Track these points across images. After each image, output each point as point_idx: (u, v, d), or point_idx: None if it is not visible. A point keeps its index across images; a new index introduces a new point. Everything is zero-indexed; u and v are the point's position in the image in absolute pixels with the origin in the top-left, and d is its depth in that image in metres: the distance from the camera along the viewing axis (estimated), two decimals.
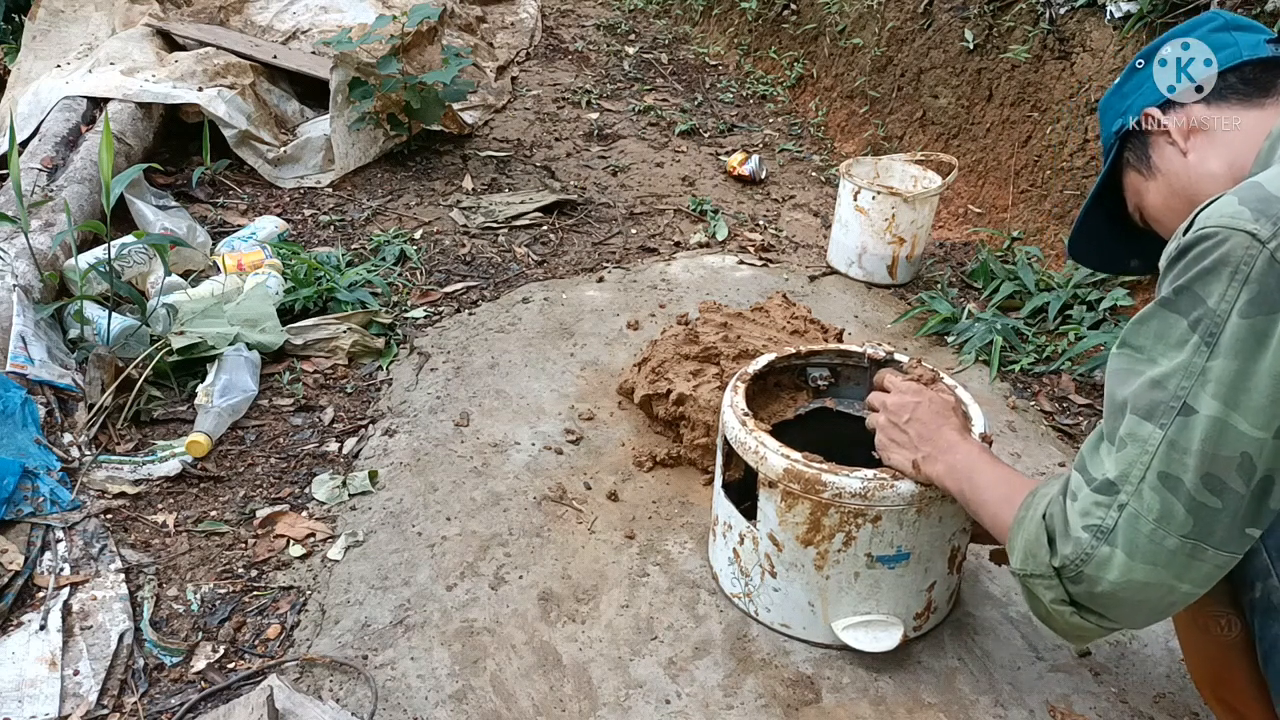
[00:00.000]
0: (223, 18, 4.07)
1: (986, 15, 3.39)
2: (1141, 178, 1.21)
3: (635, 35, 5.41)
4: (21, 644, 1.47)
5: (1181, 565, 0.95)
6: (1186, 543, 0.94)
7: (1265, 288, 0.88)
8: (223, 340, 2.15)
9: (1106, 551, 0.97)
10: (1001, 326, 2.46)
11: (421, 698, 1.45)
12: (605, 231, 3.11)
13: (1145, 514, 0.95)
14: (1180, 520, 0.94)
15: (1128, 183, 1.25)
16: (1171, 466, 0.94)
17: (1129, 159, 1.23)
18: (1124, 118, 1.21)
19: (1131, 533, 0.96)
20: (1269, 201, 0.90)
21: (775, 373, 1.79)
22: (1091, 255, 1.40)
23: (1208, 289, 0.91)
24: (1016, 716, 1.45)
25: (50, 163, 2.73)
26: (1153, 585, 0.96)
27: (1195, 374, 0.92)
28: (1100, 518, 0.98)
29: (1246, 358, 0.89)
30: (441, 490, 1.90)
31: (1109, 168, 1.26)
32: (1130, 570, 0.96)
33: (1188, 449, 0.93)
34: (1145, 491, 0.95)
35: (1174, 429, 0.93)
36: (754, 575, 1.57)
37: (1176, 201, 1.15)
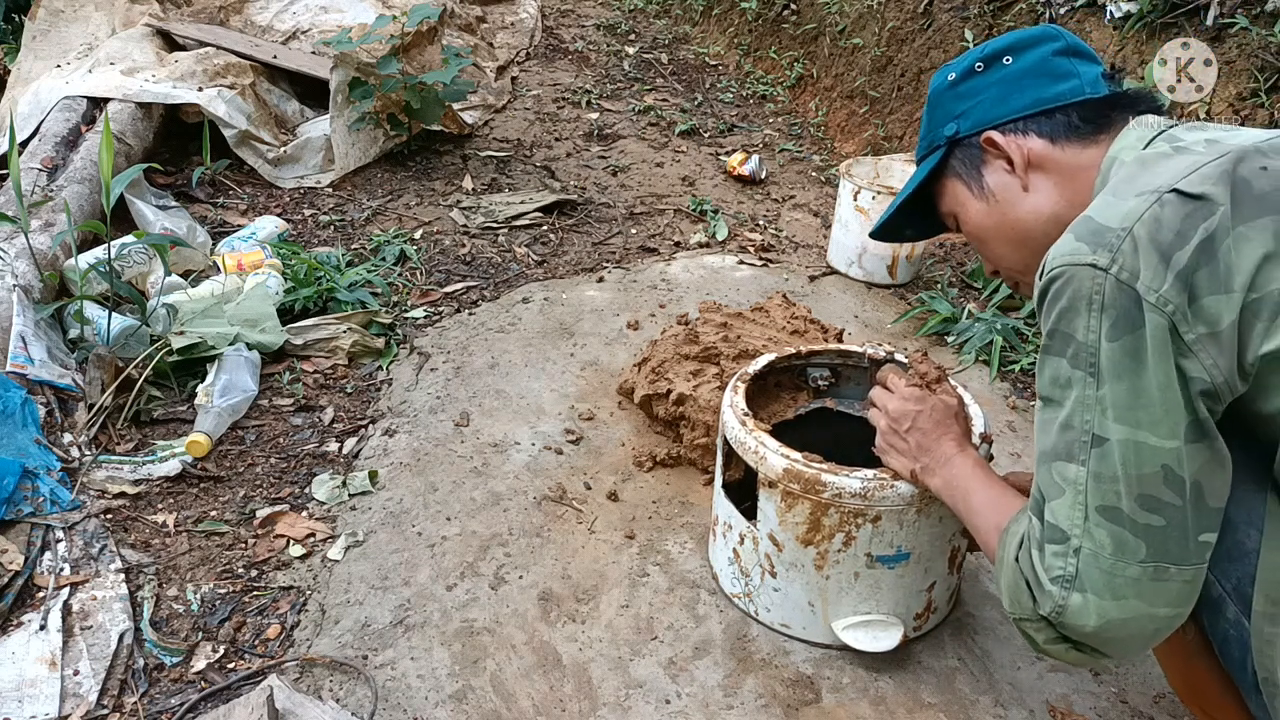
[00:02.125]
0: (223, 18, 4.07)
1: (986, 15, 3.39)
2: (969, 192, 1.21)
3: (635, 35, 5.41)
4: (21, 644, 1.47)
5: (1151, 591, 0.96)
6: (1147, 567, 0.95)
7: (1121, 310, 0.93)
8: (223, 340, 2.15)
9: (1078, 599, 0.98)
10: (1001, 326, 2.46)
11: (421, 698, 1.45)
12: (605, 231, 3.11)
13: (1100, 551, 0.96)
14: (1133, 547, 0.95)
15: (949, 188, 1.24)
16: (1105, 498, 0.96)
17: (956, 167, 1.22)
18: (958, 123, 1.21)
19: (1094, 573, 0.97)
20: (1100, 232, 0.95)
21: (775, 373, 1.79)
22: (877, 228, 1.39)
23: (1072, 325, 0.96)
24: (1016, 716, 1.45)
25: (50, 163, 2.73)
26: (1132, 619, 0.97)
27: (1092, 405, 0.95)
28: (1062, 568, 0.99)
29: (1131, 376, 0.93)
30: (441, 490, 1.90)
31: (930, 169, 1.25)
32: (1104, 610, 0.97)
33: (1114, 477, 0.95)
34: (1093, 530, 0.96)
35: (1094, 462, 0.96)
36: (754, 575, 1.57)
37: (1007, 231, 1.18)
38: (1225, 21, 2.57)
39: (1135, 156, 1.05)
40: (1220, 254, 0.91)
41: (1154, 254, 0.92)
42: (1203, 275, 0.91)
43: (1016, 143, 1.15)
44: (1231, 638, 1.01)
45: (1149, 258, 0.92)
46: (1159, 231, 0.93)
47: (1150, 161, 1.03)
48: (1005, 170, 1.17)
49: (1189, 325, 0.91)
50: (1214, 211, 0.92)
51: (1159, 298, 0.91)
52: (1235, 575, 0.99)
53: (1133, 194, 0.97)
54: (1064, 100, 1.14)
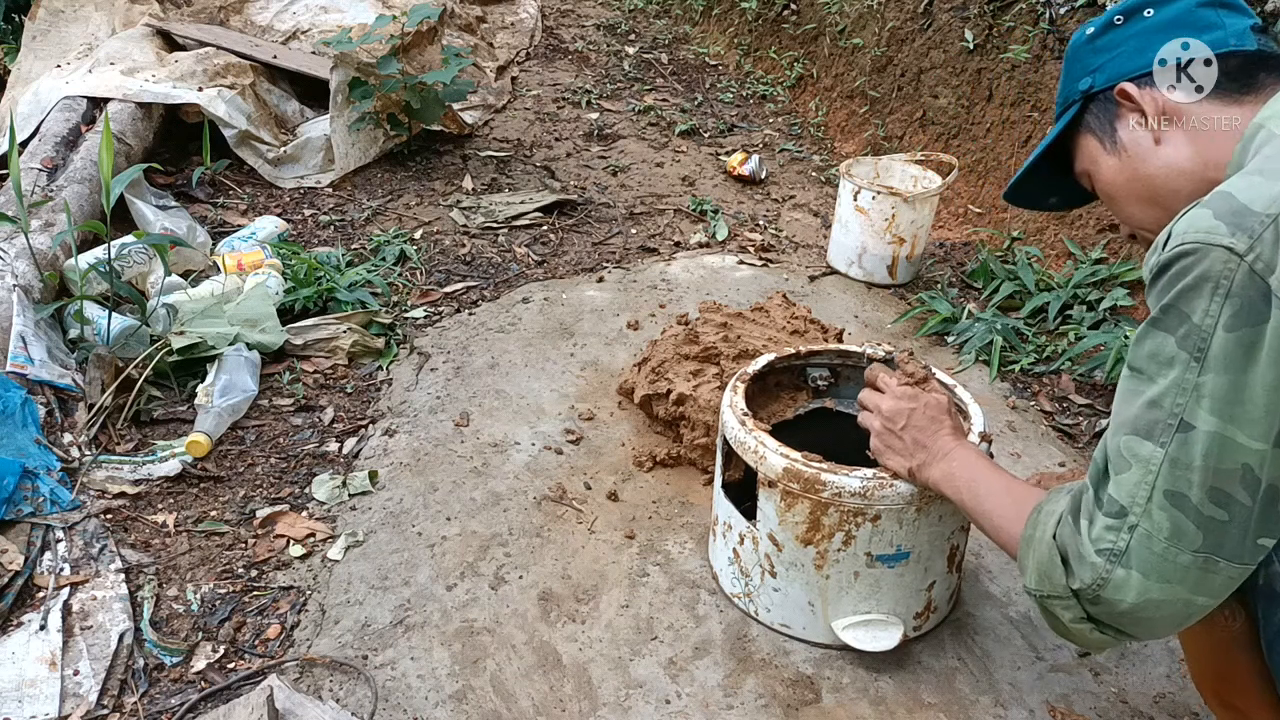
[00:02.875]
0: (223, 18, 4.07)
1: (986, 15, 3.39)
2: (1101, 148, 1.17)
3: (635, 35, 5.41)
4: (21, 644, 1.47)
5: (1196, 580, 0.95)
6: (1199, 557, 0.94)
7: (1247, 301, 0.88)
8: (223, 340, 2.15)
9: (1122, 574, 0.97)
10: (1001, 326, 2.46)
11: (421, 698, 1.45)
12: (605, 231, 3.11)
13: (1156, 533, 0.95)
14: (1191, 536, 0.94)
15: (1083, 145, 1.20)
16: (1176, 484, 0.94)
17: (1090, 122, 1.18)
18: (1093, 77, 1.17)
19: (1145, 553, 0.96)
20: (1242, 214, 0.90)
21: (775, 373, 1.79)
22: (1019, 197, 1.37)
23: (1191, 305, 0.92)
24: (1016, 716, 1.45)
25: (50, 163, 2.73)
26: (1170, 602, 0.96)
27: (1189, 390, 0.92)
28: (1112, 541, 0.98)
29: (1237, 371, 0.90)
30: (441, 490, 1.90)
31: (1065, 124, 1.21)
32: (1147, 590, 0.96)
33: (1190, 465, 0.93)
34: (1154, 511, 0.95)
35: (1174, 446, 0.93)
36: (754, 575, 1.57)
37: (1138, 187, 1.13)
38: None
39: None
40: None
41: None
42: None
43: (1151, 94, 1.10)
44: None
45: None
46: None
47: None
48: (1138, 123, 1.12)
49: None
50: None
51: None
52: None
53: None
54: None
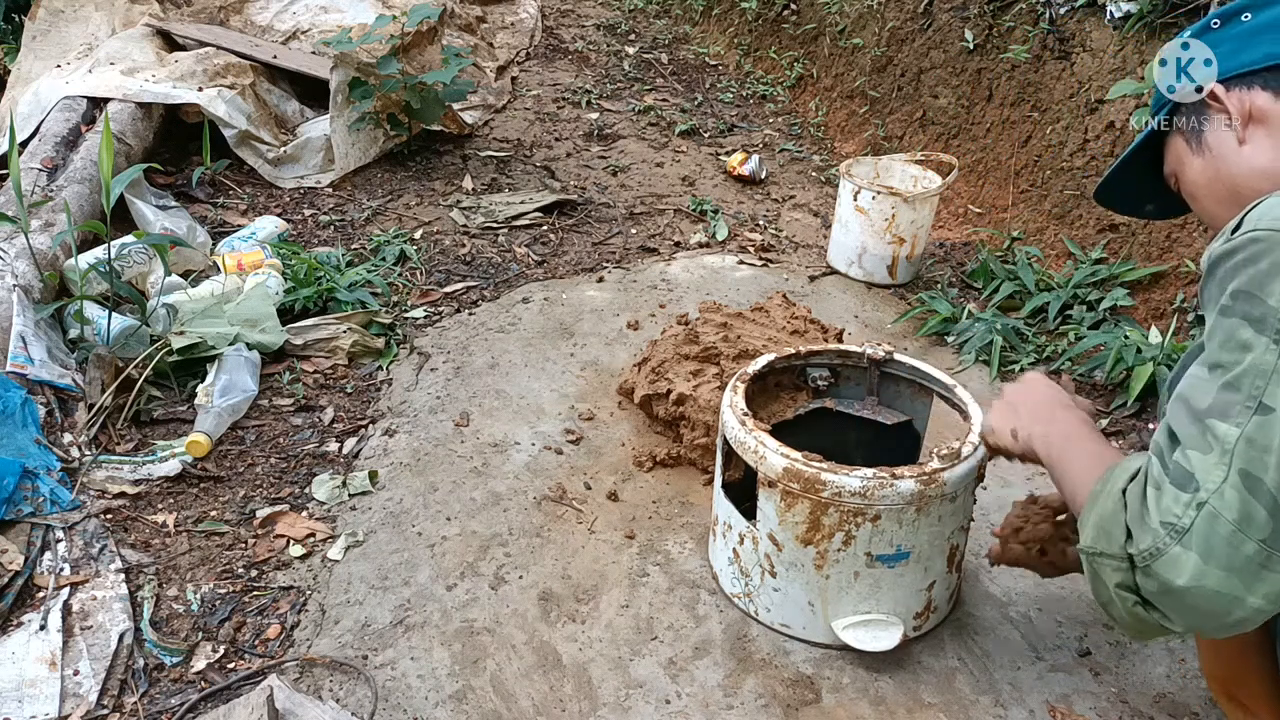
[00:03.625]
0: (223, 18, 4.07)
1: (986, 15, 3.39)
2: (1188, 148, 1.17)
3: (635, 35, 5.41)
4: (21, 644, 1.47)
5: (1254, 574, 0.92)
6: (1263, 550, 0.91)
7: None
8: (223, 340, 2.15)
9: (1179, 552, 0.94)
10: (1001, 326, 2.46)
11: (421, 698, 1.45)
12: (605, 231, 3.11)
13: (1225, 514, 0.92)
14: (1261, 524, 0.91)
15: (1171, 146, 1.21)
16: (1252, 465, 0.91)
17: (1180, 123, 1.18)
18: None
19: (1209, 533, 0.93)
20: None
21: (775, 373, 1.79)
22: (1113, 197, 1.37)
23: (1267, 289, 0.90)
24: (1016, 716, 1.45)
25: (50, 163, 2.73)
26: (1223, 594, 0.93)
27: (1268, 373, 0.90)
28: (1178, 515, 0.95)
29: None
30: (441, 490, 1.90)
31: (1157, 124, 1.21)
32: (1203, 575, 0.93)
33: (1268, 447, 0.90)
34: (1226, 491, 0.92)
35: (1251, 427, 0.91)
36: (754, 575, 1.57)
37: (1219, 187, 1.13)
38: None
39: None
40: None
41: None
42: None
43: (1239, 95, 1.10)
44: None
45: None
46: None
47: None
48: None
49: None
50: None
51: None
52: None
53: None
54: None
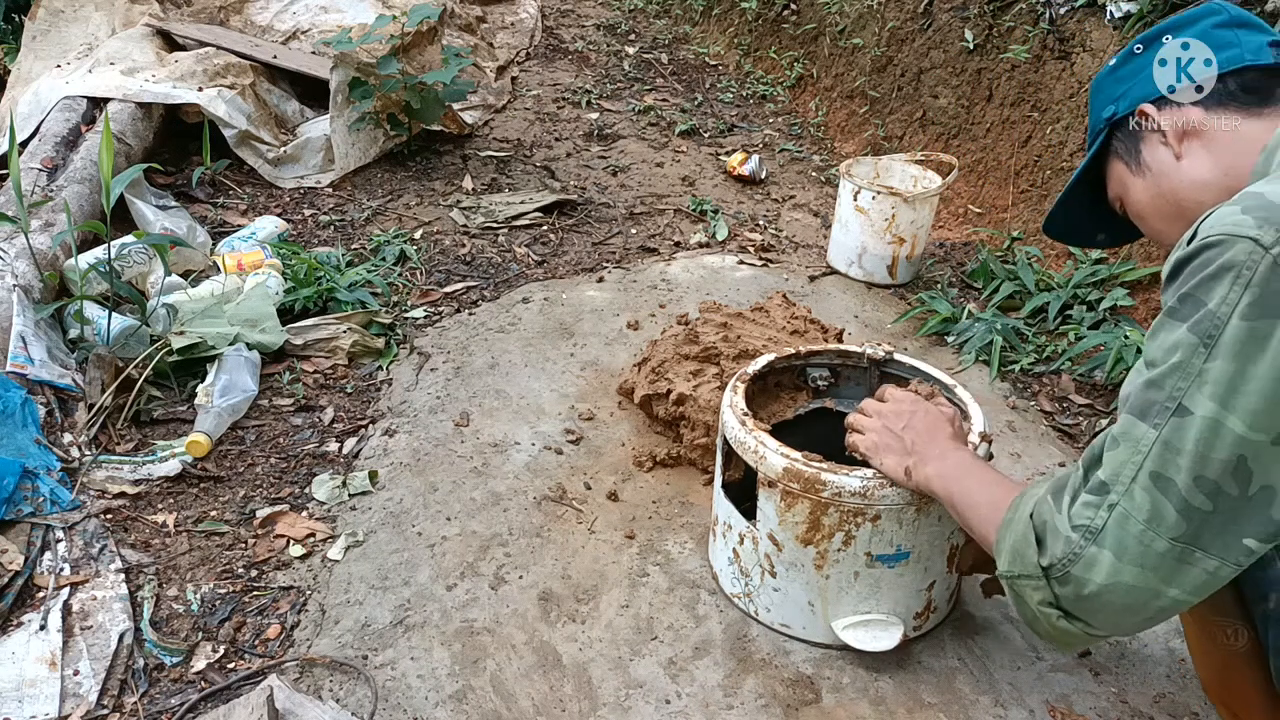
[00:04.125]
0: (223, 18, 4.07)
1: (986, 15, 3.39)
2: (1128, 171, 1.20)
3: (635, 35, 5.41)
4: (21, 644, 1.47)
5: (1169, 569, 0.94)
6: (1175, 546, 0.93)
7: (1267, 292, 0.88)
8: (223, 340, 2.15)
9: (1094, 552, 0.96)
10: (1001, 326, 2.46)
11: (421, 698, 1.45)
12: (605, 231, 3.11)
13: (1135, 514, 0.95)
14: (1171, 522, 0.93)
15: (1112, 171, 1.24)
16: (1164, 467, 0.93)
17: (1117, 148, 1.22)
18: (1116, 104, 1.20)
19: (1120, 533, 0.95)
20: (1272, 209, 0.90)
21: (775, 373, 1.79)
22: (1063, 230, 1.40)
23: (1210, 293, 0.91)
24: (1016, 716, 1.45)
25: (50, 163, 2.73)
26: (1139, 589, 0.95)
27: (1192, 375, 0.92)
28: (1089, 518, 0.97)
29: (1245, 360, 0.89)
30: (441, 490, 1.90)
31: (1094, 152, 1.25)
32: (1118, 572, 0.95)
33: (1181, 449, 0.92)
34: (1136, 491, 0.95)
35: (1168, 429, 0.93)
36: (754, 575, 1.57)
37: (1163, 203, 1.16)
38: None
39: None
40: None
41: None
42: None
43: (1171, 113, 1.13)
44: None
45: None
46: None
47: None
48: (1160, 142, 1.15)
49: None
50: None
51: None
52: None
53: None
54: (1221, 69, 1.11)
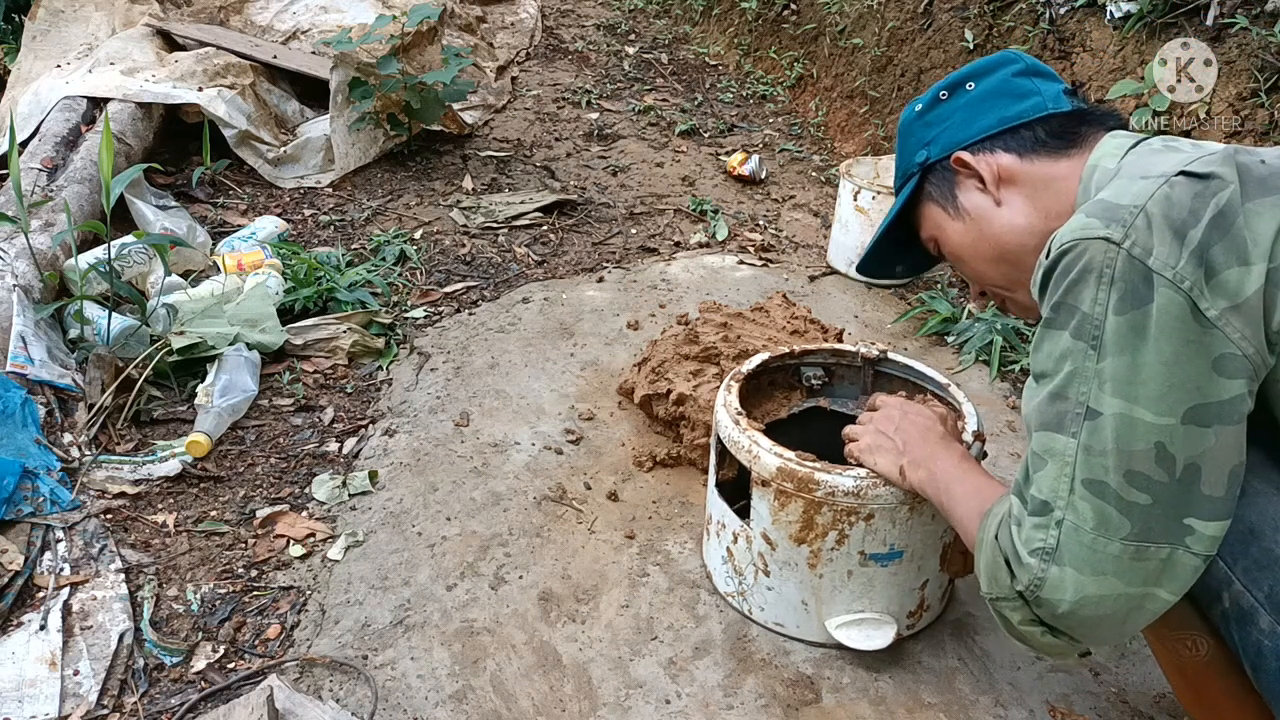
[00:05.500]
0: (223, 18, 4.07)
1: (986, 15, 3.39)
2: (945, 214, 1.24)
3: (635, 35, 5.41)
4: (21, 644, 1.47)
5: (1129, 570, 0.95)
6: (1129, 546, 0.95)
7: (1130, 284, 0.92)
8: (223, 340, 2.15)
9: (1056, 572, 0.97)
10: (1001, 326, 2.46)
11: (421, 698, 1.45)
12: (605, 231, 3.11)
13: (1082, 525, 0.96)
14: (1116, 524, 0.95)
15: (926, 214, 1.28)
16: (1093, 471, 0.95)
17: (931, 192, 1.26)
18: (928, 149, 1.24)
19: (1074, 546, 0.96)
20: (1114, 209, 0.95)
21: (769, 372, 1.79)
22: (872, 269, 1.44)
23: (1079, 297, 0.95)
24: (1016, 716, 1.45)
25: (50, 163, 2.73)
26: (1108, 597, 0.96)
27: (1090, 378, 0.95)
28: (1042, 540, 0.98)
29: (1132, 351, 0.92)
30: (441, 490, 1.91)
31: (906, 196, 1.28)
32: (1081, 585, 0.96)
33: (1103, 450, 0.94)
34: (1076, 502, 0.96)
35: (1085, 434, 0.95)
36: (747, 574, 1.57)
37: (985, 247, 1.20)
38: (1225, 21, 2.57)
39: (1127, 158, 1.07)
40: (1234, 228, 0.91)
41: (1167, 231, 0.92)
42: (1218, 250, 0.91)
43: (986, 160, 1.18)
44: (1267, 649, 0.99)
45: (1162, 235, 0.92)
46: (1171, 209, 0.93)
47: (1146, 155, 1.04)
48: (977, 188, 1.20)
49: (1209, 301, 0.90)
50: (1224, 187, 0.93)
51: (1175, 274, 0.91)
52: (1267, 584, 0.97)
53: (1139, 177, 0.98)
54: (1028, 116, 1.17)
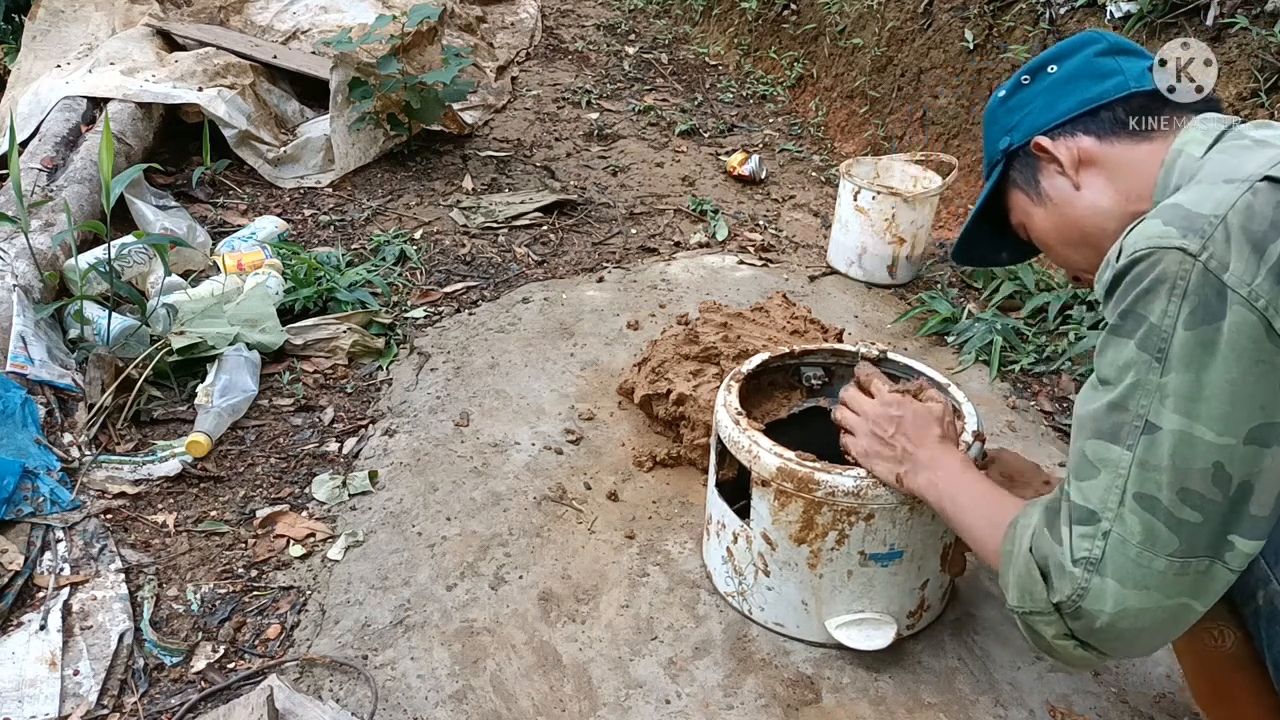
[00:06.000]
0: (223, 18, 4.07)
1: (986, 15, 3.39)
2: (1030, 200, 1.23)
3: (635, 35, 5.41)
4: (21, 644, 1.47)
5: (1172, 585, 0.94)
6: (1174, 562, 0.94)
7: (1204, 298, 0.90)
8: (223, 340, 2.15)
9: (1099, 583, 0.96)
10: (1001, 326, 2.46)
11: (421, 698, 1.45)
12: (605, 231, 3.11)
13: (1129, 538, 0.95)
14: (1164, 540, 0.94)
15: (1013, 200, 1.27)
16: (1146, 486, 0.94)
17: (1015, 178, 1.25)
18: (1011, 135, 1.24)
19: (1119, 559, 0.95)
20: (1192, 218, 0.92)
21: (769, 372, 1.79)
22: (970, 256, 1.42)
23: (1149, 308, 0.93)
24: (1016, 716, 1.45)
25: (50, 163, 2.73)
26: (1149, 610, 0.96)
27: (1152, 391, 0.93)
28: (1088, 550, 0.97)
29: (1198, 368, 0.91)
30: (441, 490, 1.91)
31: (994, 183, 1.28)
32: (1123, 599, 0.95)
33: (1158, 466, 0.93)
34: (1125, 515, 0.95)
35: (1141, 449, 0.94)
36: (747, 574, 1.57)
37: (1068, 231, 1.19)
38: (1225, 21, 2.57)
39: (1214, 149, 1.04)
40: None
41: (1246, 245, 0.89)
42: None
43: (1065, 144, 1.17)
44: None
45: (1240, 248, 0.89)
46: (1251, 220, 0.90)
47: (1233, 152, 1.01)
48: (1058, 172, 1.18)
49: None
50: None
51: (1251, 291, 0.88)
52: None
53: (1222, 180, 0.95)
54: (1109, 97, 1.14)
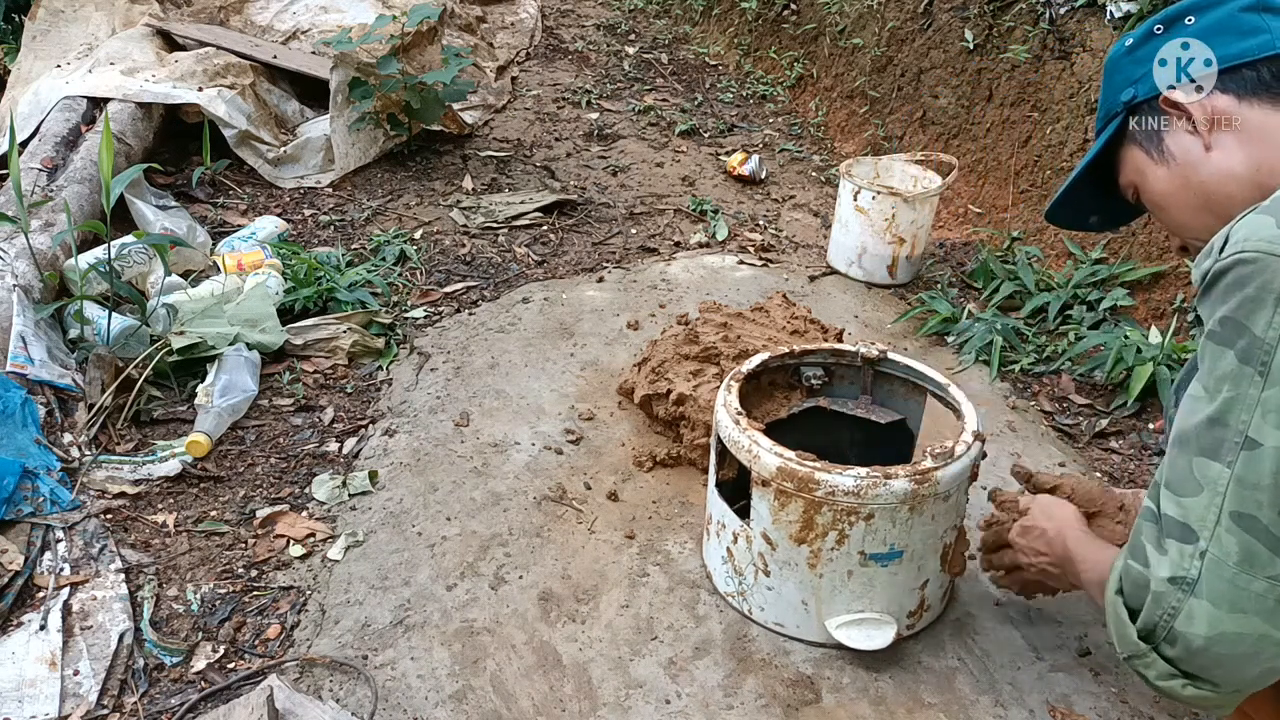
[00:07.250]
0: (223, 18, 4.07)
1: (986, 15, 3.39)
2: (1149, 159, 1.13)
3: (635, 35, 5.41)
4: (21, 644, 1.47)
5: (1273, 609, 0.90)
6: (1275, 585, 0.89)
7: None
8: (223, 340, 2.15)
9: (1193, 604, 0.92)
10: (1001, 326, 2.46)
11: (421, 698, 1.45)
12: (605, 231, 3.11)
13: (1226, 559, 0.90)
14: (1264, 561, 0.89)
15: (1127, 157, 1.17)
16: (1244, 505, 0.90)
17: (1135, 134, 1.15)
18: (1135, 87, 1.13)
19: (1215, 580, 0.91)
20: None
21: (769, 372, 1.79)
22: (1059, 214, 1.32)
23: (1253, 318, 0.88)
24: (1016, 716, 1.45)
25: (50, 163, 2.73)
26: (1246, 636, 0.91)
27: (1252, 406, 0.88)
28: (1185, 569, 0.93)
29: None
30: (441, 490, 1.91)
31: (1107, 138, 1.18)
32: (1218, 621, 0.91)
33: (1258, 484, 0.89)
34: (1222, 535, 0.90)
35: (1241, 465, 0.89)
36: (747, 574, 1.57)
37: (1189, 195, 1.10)
38: None
39: None
40: None
41: None
42: None
43: (1201, 100, 1.06)
44: None
45: None
46: None
47: None
48: (1187, 131, 1.08)
49: None
50: None
51: None
52: None
53: None
54: (1251, 55, 1.04)
